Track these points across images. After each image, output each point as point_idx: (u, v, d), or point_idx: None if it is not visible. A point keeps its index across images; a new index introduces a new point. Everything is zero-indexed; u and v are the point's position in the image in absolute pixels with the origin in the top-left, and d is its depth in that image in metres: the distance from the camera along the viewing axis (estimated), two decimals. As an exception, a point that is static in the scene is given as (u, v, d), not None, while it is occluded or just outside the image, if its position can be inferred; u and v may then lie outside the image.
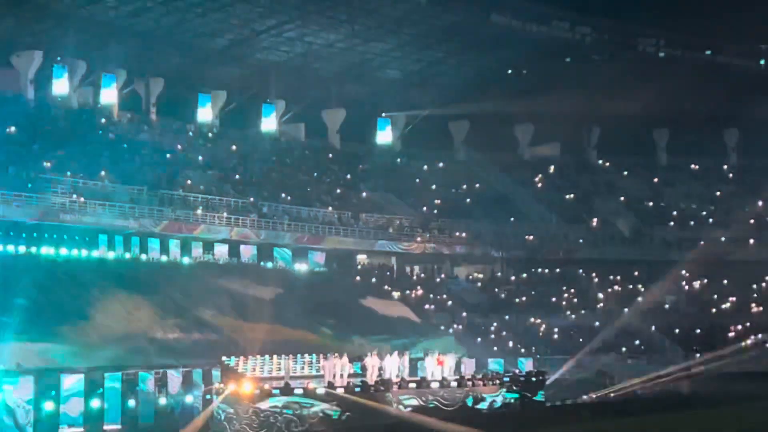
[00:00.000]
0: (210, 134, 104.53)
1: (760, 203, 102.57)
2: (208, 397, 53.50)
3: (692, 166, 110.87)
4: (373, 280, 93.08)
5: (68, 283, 68.99)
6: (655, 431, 56.03)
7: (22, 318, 61.14)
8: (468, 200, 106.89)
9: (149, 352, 63.71)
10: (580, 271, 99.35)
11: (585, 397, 70.44)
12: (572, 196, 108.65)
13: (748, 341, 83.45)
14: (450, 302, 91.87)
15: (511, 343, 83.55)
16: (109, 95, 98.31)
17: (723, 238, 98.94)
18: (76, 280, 69.85)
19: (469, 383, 59.71)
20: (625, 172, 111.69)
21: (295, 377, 56.68)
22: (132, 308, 69.79)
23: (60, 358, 58.89)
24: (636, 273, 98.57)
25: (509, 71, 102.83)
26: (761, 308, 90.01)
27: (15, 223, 74.84)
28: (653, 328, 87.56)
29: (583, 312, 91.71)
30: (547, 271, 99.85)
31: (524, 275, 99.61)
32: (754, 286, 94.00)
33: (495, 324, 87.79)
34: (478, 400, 59.04)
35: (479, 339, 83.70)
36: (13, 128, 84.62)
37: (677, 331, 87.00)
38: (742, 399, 64.90)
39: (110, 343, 63.33)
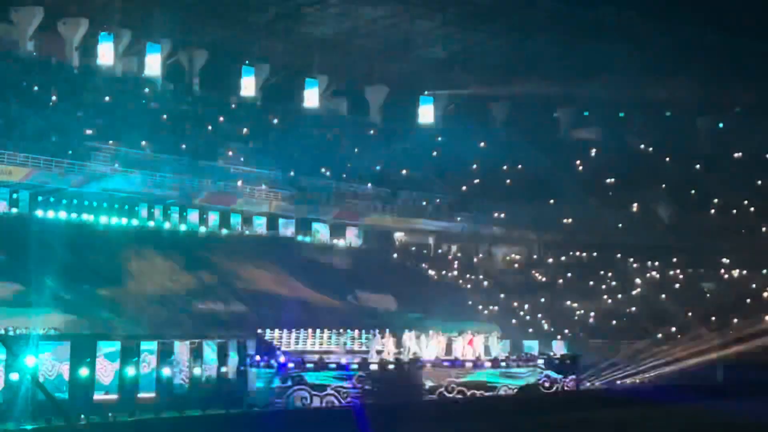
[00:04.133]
0: (252, 107, 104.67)
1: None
2: (242, 368, 53.89)
3: (735, 153, 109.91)
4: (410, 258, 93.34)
5: (107, 251, 69.50)
6: (682, 420, 55.85)
7: (61, 283, 61.72)
8: (508, 181, 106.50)
9: (185, 321, 64.10)
10: (618, 255, 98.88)
11: (618, 383, 70.34)
12: (612, 180, 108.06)
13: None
14: (486, 283, 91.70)
15: (546, 326, 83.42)
16: (153, 65, 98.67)
17: (764, 228, 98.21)
18: (115, 247, 70.35)
19: (503, 364, 59.76)
20: (667, 158, 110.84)
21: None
22: (170, 278, 70.27)
23: (97, 324, 59.34)
24: (674, 259, 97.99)
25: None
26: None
27: (56, 189, 75.44)
28: (690, 315, 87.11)
29: (619, 297, 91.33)
30: (584, 254, 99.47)
31: (562, 258, 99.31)
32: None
33: (530, 306, 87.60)
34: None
35: (514, 320, 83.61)
36: (57, 95, 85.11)
37: (714, 318, 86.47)
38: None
39: (147, 312, 63.81)
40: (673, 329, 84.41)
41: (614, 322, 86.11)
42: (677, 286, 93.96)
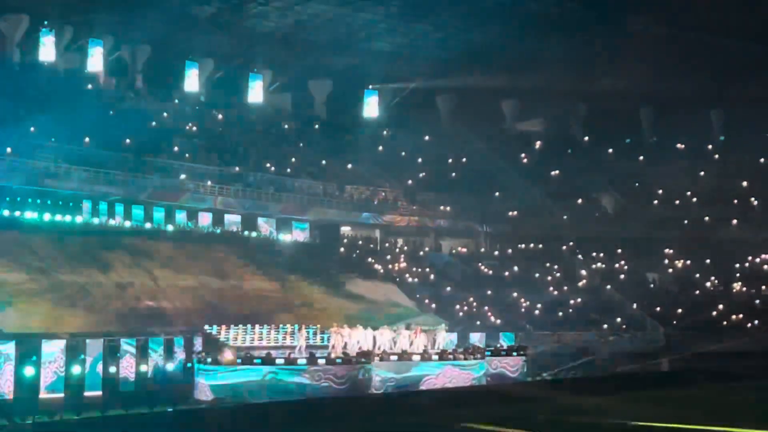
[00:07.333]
0: (196, 103, 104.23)
1: (744, 183, 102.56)
2: (189, 365, 53.65)
3: (678, 145, 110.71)
4: (357, 251, 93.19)
5: (51, 249, 68.91)
6: (635, 408, 56.20)
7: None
8: (453, 174, 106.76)
9: (131, 318, 63.73)
10: (564, 247, 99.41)
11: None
12: (557, 172, 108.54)
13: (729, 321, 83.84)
14: (432, 276, 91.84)
15: (493, 318, 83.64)
16: (96, 61, 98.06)
17: (706, 218, 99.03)
18: (60, 245, 69.79)
19: (450, 357, 59.90)
20: (611, 150, 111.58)
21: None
22: (115, 274, 69.78)
23: (42, 323, 58.87)
24: (619, 250, 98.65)
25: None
26: (743, 288, 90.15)
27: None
28: (635, 305, 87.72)
29: (565, 288, 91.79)
30: (530, 246, 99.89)
31: (508, 250, 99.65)
32: (737, 265, 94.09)
33: (477, 298, 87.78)
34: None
35: (461, 313, 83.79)
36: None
37: (659, 309, 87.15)
38: (723, 377, 65.26)
39: (92, 309, 63.34)
40: (619, 320, 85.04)
41: (560, 313, 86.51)
42: (622, 277, 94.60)
